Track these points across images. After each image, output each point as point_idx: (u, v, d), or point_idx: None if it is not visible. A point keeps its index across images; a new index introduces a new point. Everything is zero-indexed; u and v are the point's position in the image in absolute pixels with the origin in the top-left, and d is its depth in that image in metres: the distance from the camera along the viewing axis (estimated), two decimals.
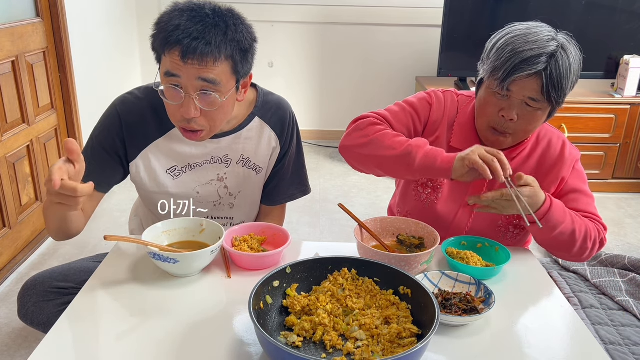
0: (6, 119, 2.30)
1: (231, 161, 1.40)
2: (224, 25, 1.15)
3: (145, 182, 1.39)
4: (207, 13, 1.14)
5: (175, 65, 1.14)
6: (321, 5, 3.82)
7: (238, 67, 1.19)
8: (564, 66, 1.22)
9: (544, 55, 1.21)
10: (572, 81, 1.25)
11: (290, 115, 1.45)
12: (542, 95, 1.23)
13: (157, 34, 1.17)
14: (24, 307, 1.33)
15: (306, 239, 2.70)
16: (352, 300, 1.03)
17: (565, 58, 1.22)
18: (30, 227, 2.51)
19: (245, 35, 1.19)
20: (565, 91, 1.25)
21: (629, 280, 2.07)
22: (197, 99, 1.18)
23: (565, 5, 3.29)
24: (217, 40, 1.13)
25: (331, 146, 4.04)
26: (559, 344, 1.01)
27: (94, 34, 3.13)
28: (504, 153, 1.32)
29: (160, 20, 1.17)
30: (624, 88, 3.23)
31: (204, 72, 1.15)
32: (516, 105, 1.26)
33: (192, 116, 1.19)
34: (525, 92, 1.24)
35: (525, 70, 1.21)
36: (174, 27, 1.12)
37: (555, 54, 1.21)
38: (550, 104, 1.26)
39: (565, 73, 1.22)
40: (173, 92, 1.18)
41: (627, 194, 3.40)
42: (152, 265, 1.21)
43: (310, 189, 1.57)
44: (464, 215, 1.42)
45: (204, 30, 1.12)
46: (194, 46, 1.11)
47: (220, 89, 1.18)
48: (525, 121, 1.28)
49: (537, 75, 1.21)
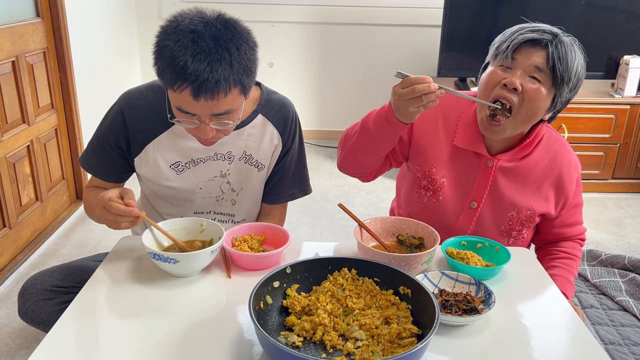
0: (6, 119, 2.30)
1: (234, 157, 1.41)
2: (228, 55, 1.13)
3: (149, 177, 1.40)
4: (209, 45, 1.11)
5: (188, 104, 1.15)
6: (321, 5, 3.82)
7: (246, 87, 1.20)
8: (569, 46, 1.25)
9: (548, 32, 1.26)
10: (575, 66, 1.26)
11: (293, 114, 1.46)
12: (546, 66, 1.24)
13: (163, 70, 1.14)
14: (24, 305, 1.33)
15: (306, 239, 2.70)
16: (352, 300, 1.03)
17: (570, 41, 1.26)
18: (30, 227, 2.51)
19: (249, 56, 1.17)
20: (571, 71, 1.25)
21: (629, 280, 2.07)
22: (212, 123, 1.20)
23: (565, 5, 3.29)
24: (225, 75, 1.12)
25: (331, 146, 4.04)
26: (559, 344, 1.01)
27: (94, 34, 3.13)
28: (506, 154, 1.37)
29: (161, 51, 1.13)
30: (624, 88, 3.23)
31: (216, 107, 1.16)
32: (520, 75, 1.26)
33: (209, 137, 1.22)
34: (531, 60, 1.25)
35: (533, 39, 1.25)
36: (180, 67, 1.10)
37: (559, 35, 1.26)
38: (552, 83, 1.25)
39: (569, 51, 1.25)
40: (188, 122, 1.21)
41: (627, 194, 3.40)
42: (152, 265, 1.21)
43: (310, 189, 1.57)
44: (467, 219, 1.42)
45: (211, 69, 1.11)
46: (205, 87, 1.11)
47: (233, 115, 1.21)
48: (528, 98, 1.25)
49: (543, 47, 1.25)
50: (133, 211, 1.15)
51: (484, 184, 1.38)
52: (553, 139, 1.41)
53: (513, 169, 1.38)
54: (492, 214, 1.40)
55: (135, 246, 1.28)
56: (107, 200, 1.14)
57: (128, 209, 1.14)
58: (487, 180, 1.38)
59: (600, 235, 2.85)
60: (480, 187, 1.39)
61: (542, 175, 1.39)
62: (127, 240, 1.33)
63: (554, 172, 1.40)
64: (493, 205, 1.40)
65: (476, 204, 1.40)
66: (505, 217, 1.40)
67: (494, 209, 1.40)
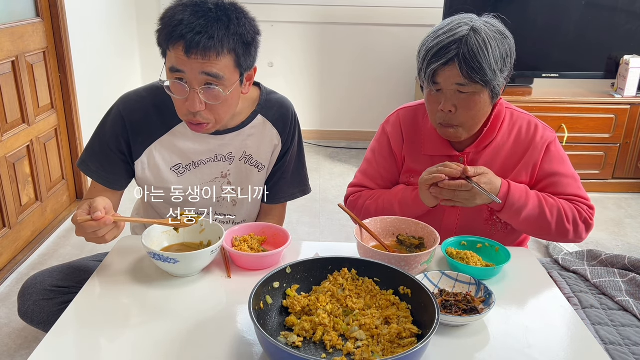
0: (6, 119, 2.30)
1: (234, 158, 1.41)
2: (227, 19, 1.16)
3: (150, 179, 1.40)
4: (210, 7, 1.15)
5: (179, 60, 1.16)
6: (321, 5, 3.82)
7: (241, 60, 1.20)
8: (476, 45, 1.25)
9: (452, 43, 1.26)
10: (493, 57, 1.25)
11: (292, 114, 1.46)
12: (465, 79, 1.26)
13: (162, 29, 1.18)
14: (24, 305, 1.33)
15: (306, 239, 2.70)
16: (352, 300, 1.03)
17: (476, 38, 1.25)
18: (30, 227, 2.51)
19: (248, 29, 1.20)
20: (488, 69, 1.25)
21: (629, 280, 2.07)
22: (201, 93, 1.19)
23: (565, 5, 3.29)
24: (220, 34, 1.14)
25: (331, 146, 4.04)
26: (559, 344, 1.01)
27: (94, 34, 3.13)
28: (472, 146, 1.39)
29: (164, 15, 1.18)
30: (624, 88, 3.22)
31: (207, 66, 1.16)
32: (450, 96, 1.30)
33: (197, 109, 1.21)
34: (450, 80, 1.27)
35: (439, 61, 1.26)
36: (177, 22, 1.14)
37: (464, 37, 1.25)
38: (481, 85, 1.27)
39: (479, 51, 1.24)
40: (178, 87, 1.20)
41: (627, 194, 3.40)
42: (152, 265, 1.21)
43: (310, 189, 1.58)
44: (452, 215, 1.44)
45: (206, 24, 1.13)
46: (197, 40, 1.12)
47: (223, 83, 1.20)
48: (466, 109, 1.30)
49: (451, 61, 1.25)
50: (105, 220, 1.08)
51: None
52: (515, 117, 1.43)
53: (483, 157, 1.41)
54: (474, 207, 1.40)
55: (135, 246, 1.28)
56: (77, 222, 1.09)
57: (98, 222, 1.07)
58: None
59: (600, 235, 2.85)
60: None
61: (511, 154, 1.40)
62: (127, 240, 1.33)
63: (521, 146, 1.40)
64: None
65: None
66: (486, 207, 1.40)
67: None
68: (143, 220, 1.31)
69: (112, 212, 1.11)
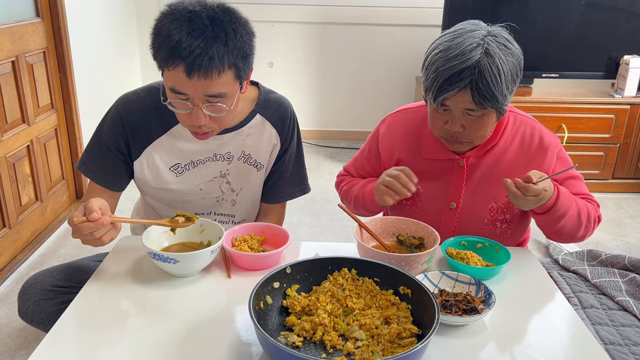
0: (6, 119, 2.30)
1: (233, 158, 1.41)
2: (224, 35, 1.13)
3: (149, 180, 1.40)
4: (205, 24, 1.12)
5: (181, 83, 1.15)
6: (321, 5, 3.82)
7: (241, 72, 1.20)
8: (490, 73, 1.20)
9: (465, 70, 1.20)
10: (505, 83, 1.22)
11: (291, 113, 1.46)
12: (476, 105, 1.23)
13: (158, 48, 1.14)
14: (24, 305, 1.33)
15: (306, 239, 2.70)
16: (352, 300, 1.03)
17: (490, 65, 1.20)
18: (30, 227, 2.51)
19: (245, 39, 1.18)
20: (500, 95, 1.22)
21: (629, 280, 2.07)
22: (205, 109, 1.19)
23: (565, 5, 3.29)
24: (220, 53, 1.12)
25: (331, 146, 4.04)
26: (559, 344, 1.01)
27: (94, 34, 3.13)
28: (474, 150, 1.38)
29: (158, 30, 1.14)
30: (624, 88, 3.22)
31: (209, 87, 1.15)
32: (458, 117, 1.27)
33: (202, 123, 1.21)
34: (460, 105, 1.24)
35: (450, 90, 1.22)
36: (175, 43, 1.10)
37: (479, 64, 1.20)
38: (492, 106, 1.24)
39: (493, 80, 1.20)
40: (181, 104, 1.20)
41: (627, 194, 3.40)
42: (152, 265, 1.21)
43: (309, 188, 1.58)
44: (449, 218, 1.43)
45: (205, 45, 1.11)
46: (198, 63, 1.10)
47: (226, 98, 1.20)
48: (474, 128, 1.29)
49: (464, 89, 1.21)
50: (102, 220, 1.06)
51: (459, 184, 1.40)
52: (518, 122, 1.42)
53: (484, 162, 1.40)
54: (473, 210, 1.41)
55: (135, 246, 1.28)
56: (73, 224, 1.08)
57: (95, 223, 1.06)
58: (462, 180, 1.40)
59: (600, 235, 2.85)
60: (456, 188, 1.41)
61: (515, 158, 1.39)
62: (127, 240, 1.33)
63: (527, 152, 1.39)
64: (472, 201, 1.41)
65: (455, 204, 1.41)
66: (485, 210, 1.40)
67: (474, 205, 1.41)
68: (140, 221, 1.31)
69: (107, 212, 1.10)
